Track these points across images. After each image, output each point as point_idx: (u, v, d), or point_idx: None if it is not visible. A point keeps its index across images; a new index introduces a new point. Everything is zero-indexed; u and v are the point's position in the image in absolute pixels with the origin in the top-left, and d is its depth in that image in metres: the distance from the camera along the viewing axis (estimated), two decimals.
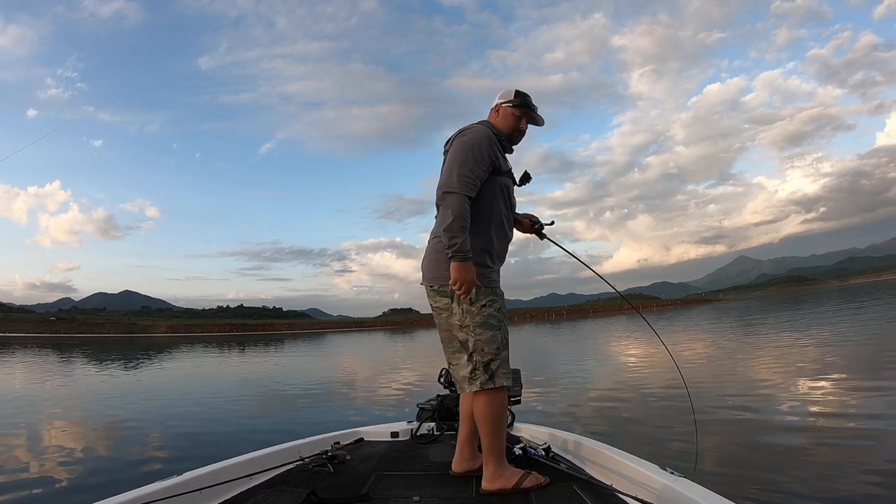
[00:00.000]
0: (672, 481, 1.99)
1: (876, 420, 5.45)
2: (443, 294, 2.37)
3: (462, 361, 2.34)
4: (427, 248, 2.49)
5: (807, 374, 8.66)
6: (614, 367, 13.13)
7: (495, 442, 2.30)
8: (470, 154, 2.31)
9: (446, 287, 2.30)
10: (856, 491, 3.60)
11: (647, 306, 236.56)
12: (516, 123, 2.59)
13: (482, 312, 2.32)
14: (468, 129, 2.43)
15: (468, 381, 2.31)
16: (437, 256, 2.35)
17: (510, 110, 2.58)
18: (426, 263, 2.47)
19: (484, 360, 2.29)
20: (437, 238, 2.37)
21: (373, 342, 48.24)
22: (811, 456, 4.46)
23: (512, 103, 2.57)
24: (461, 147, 2.34)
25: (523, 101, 2.59)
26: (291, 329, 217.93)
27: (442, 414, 3.48)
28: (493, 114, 2.62)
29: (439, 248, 2.31)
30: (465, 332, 2.32)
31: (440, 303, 2.40)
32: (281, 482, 2.49)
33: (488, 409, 2.30)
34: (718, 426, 5.88)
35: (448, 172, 2.30)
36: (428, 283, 2.44)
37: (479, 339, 2.30)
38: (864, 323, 18.43)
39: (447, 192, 2.26)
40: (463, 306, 2.30)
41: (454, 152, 2.34)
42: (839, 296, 56.11)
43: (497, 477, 2.27)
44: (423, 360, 20.05)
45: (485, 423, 2.30)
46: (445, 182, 2.29)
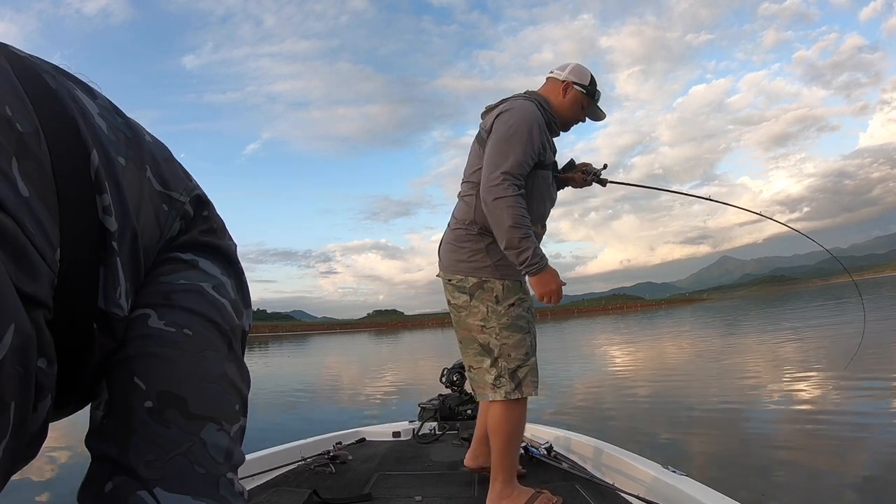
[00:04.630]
0: (674, 480, 2.00)
1: (867, 415, 5.52)
2: (461, 290, 2.08)
3: (484, 366, 2.07)
4: (445, 236, 2.19)
5: (802, 372, 8.75)
6: (611, 367, 13.19)
7: (507, 458, 2.05)
8: (520, 144, 1.97)
9: (465, 282, 2.06)
10: (851, 486, 3.64)
11: (631, 307, 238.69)
12: (581, 113, 2.26)
13: (510, 313, 2.04)
14: (514, 108, 2.05)
15: (492, 388, 2.05)
16: (456, 246, 2.10)
17: (580, 96, 2.21)
18: (446, 255, 2.15)
19: (511, 366, 2.02)
20: (459, 227, 2.11)
21: (358, 344, 48.09)
22: (810, 453, 4.50)
23: (585, 89, 2.20)
24: (510, 133, 1.98)
25: (595, 90, 2.23)
26: (274, 332, 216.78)
27: (443, 414, 3.47)
28: (553, 88, 2.22)
29: (461, 236, 2.09)
30: (489, 333, 2.05)
31: (458, 300, 2.10)
32: (283, 482, 2.47)
33: (506, 420, 2.04)
34: (718, 424, 5.92)
35: (494, 165, 1.95)
36: (445, 275, 2.15)
37: (505, 342, 2.03)
38: (848, 321, 18.69)
39: (497, 198, 1.91)
40: (488, 305, 2.03)
41: (500, 142, 1.98)
42: (822, 294, 56.90)
43: (504, 497, 2.03)
44: (414, 362, 20.04)
45: (499, 435, 2.04)
46: (491, 182, 1.94)
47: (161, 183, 0.59)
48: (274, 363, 25.94)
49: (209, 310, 0.58)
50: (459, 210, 2.16)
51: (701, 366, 11.42)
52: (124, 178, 0.51)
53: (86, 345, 0.48)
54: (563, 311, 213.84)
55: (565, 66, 2.25)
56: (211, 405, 0.55)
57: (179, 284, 0.57)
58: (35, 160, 0.41)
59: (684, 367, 11.78)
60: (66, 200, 0.44)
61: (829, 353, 10.77)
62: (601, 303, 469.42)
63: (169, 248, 0.60)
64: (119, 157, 0.52)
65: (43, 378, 0.41)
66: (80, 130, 0.47)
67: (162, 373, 0.52)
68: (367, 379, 15.21)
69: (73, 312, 0.45)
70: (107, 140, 0.51)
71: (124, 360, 0.52)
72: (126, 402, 0.51)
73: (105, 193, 0.48)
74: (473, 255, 2.06)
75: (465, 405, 3.50)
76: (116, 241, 0.49)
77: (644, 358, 14.86)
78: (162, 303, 0.55)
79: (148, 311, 0.54)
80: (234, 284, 0.64)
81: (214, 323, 0.58)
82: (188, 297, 0.57)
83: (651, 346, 18.13)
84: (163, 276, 0.57)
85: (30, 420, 0.40)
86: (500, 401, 2.04)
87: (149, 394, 0.51)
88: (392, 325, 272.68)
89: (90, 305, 0.47)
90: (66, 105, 0.48)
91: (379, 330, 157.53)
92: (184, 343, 0.54)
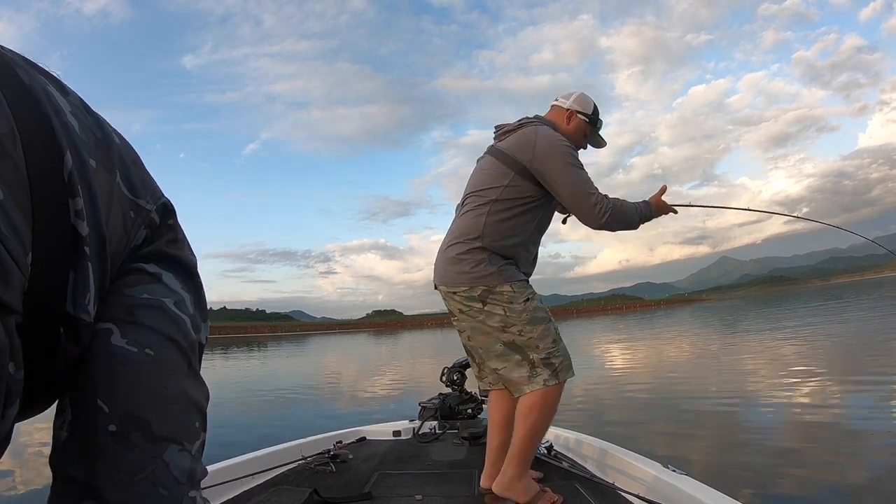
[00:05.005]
0: (674, 479, 2.01)
1: (865, 414, 5.53)
2: (470, 299, 2.09)
3: (512, 363, 2.09)
4: (445, 253, 2.19)
5: (800, 372, 8.76)
6: (611, 366, 13.20)
7: (528, 447, 2.07)
8: (578, 166, 2.11)
9: (473, 291, 2.07)
10: (849, 484, 3.64)
11: (631, 307, 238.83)
12: (583, 140, 2.34)
13: (527, 307, 2.07)
14: (548, 134, 2.14)
15: (527, 380, 2.06)
16: (458, 259, 2.11)
17: (584, 125, 2.31)
18: (447, 269, 2.16)
19: (542, 356, 2.06)
20: (460, 241, 2.12)
21: (358, 344, 48.08)
22: (808, 451, 4.51)
23: (588, 118, 2.31)
24: (566, 161, 2.09)
25: (598, 118, 2.34)
26: (274, 332, 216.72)
27: (444, 413, 3.47)
28: (558, 115, 2.32)
29: (463, 250, 2.10)
30: (511, 332, 2.07)
31: (470, 309, 2.11)
32: (283, 481, 2.47)
33: (541, 406, 2.05)
34: (717, 423, 5.93)
35: (579, 194, 2.08)
36: (448, 289, 2.16)
37: (531, 336, 2.06)
38: (847, 321, 18.70)
39: (606, 217, 2.08)
40: (504, 306, 2.06)
41: (564, 170, 2.07)
42: (822, 295, 56.96)
43: (513, 487, 2.04)
44: (414, 362, 20.05)
45: (528, 422, 2.05)
46: (591, 211, 2.08)
47: (129, 189, 0.59)
48: (273, 363, 25.94)
49: (170, 328, 0.59)
50: (464, 225, 2.15)
51: (700, 365, 11.44)
52: (95, 181, 0.51)
53: (52, 349, 0.49)
54: (563, 312, 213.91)
55: (570, 94, 2.35)
56: (173, 427, 0.57)
57: (143, 299, 0.58)
58: (11, 162, 0.41)
59: (684, 366, 11.79)
60: (40, 204, 0.44)
61: (828, 353, 10.79)
62: (600, 303, 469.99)
63: (134, 257, 0.60)
64: (91, 159, 0.51)
65: (11, 384, 0.41)
66: (55, 131, 0.47)
67: (125, 395, 0.54)
68: (367, 378, 15.22)
69: (41, 317, 0.45)
70: (79, 141, 0.51)
71: (87, 380, 0.53)
72: (90, 425, 0.53)
73: (78, 197, 0.47)
74: (476, 265, 2.08)
75: (466, 404, 3.50)
76: (88, 247, 0.49)
77: (644, 358, 14.88)
78: (125, 318, 0.56)
79: (111, 326, 0.55)
80: (193, 300, 0.65)
81: (175, 342, 0.59)
82: (151, 315, 0.58)
83: (650, 346, 18.14)
84: (127, 288, 0.58)
85: None
86: (539, 390, 2.04)
87: (112, 417, 0.52)
88: (391, 326, 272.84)
89: (59, 310, 0.48)
90: (41, 103, 0.47)
91: (378, 330, 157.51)
92: (146, 364, 0.55)
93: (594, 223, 2.12)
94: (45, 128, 0.46)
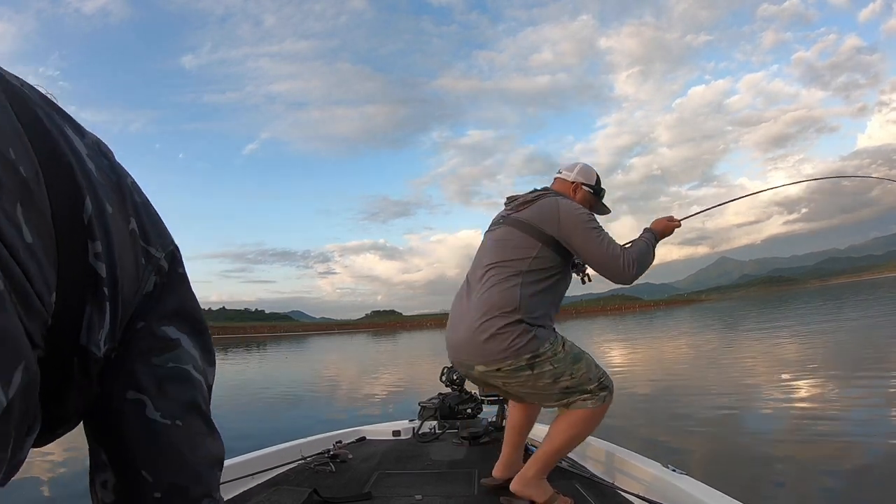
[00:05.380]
0: (674, 478, 2.02)
1: (864, 415, 5.54)
2: (518, 370, 2.07)
3: (572, 399, 2.14)
4: (477, 332, 2.10)
5: (799, 372, 8.77)
6: (611, 366, 13.14)
7: (558, 455, 2.17)
8: (600, 228, 2.19)
9: (519, 363, 2.05)
10: (849, 485, 3.65)
11: (630, 307, 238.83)
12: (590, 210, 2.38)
13: (567, 352, 2.13)
14: (567, 202, 2.21)
15: (592, 401, 2.13)
16: (497, 334, 2.05)
17: (589, 195, 2.40)
18: (485, 347, 2.08)
19: (595, 384, 2.13)
20: (497, 316, 2.07)
21: (357, 345, 48.06)
22: (808, 452, 4.51)
23: (593, 188, 2.40)
24: (590, 226, 2.16)
25: (601, 188, 2.43)
26: (273, 332, 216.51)
27: (443, 413, 3.47)
28: (563, 187, 2.39)
29: (500, 325, 2.05)
30: (564, 380, 2.10)
31: (518, 378, 2.10)
32: (283, 481, 2.48)
33: (586, 424, 2.13)
34: (717, 423, 5.94)
35: (607, 255, 2.15)
36: (489, 368, 2.11)
37: (581, 373, 2.11)
38: (845, 322, 18.72)
39: (633, 271, 2.17)
40: (551, 363, 2.07)
41: (589, 235, 2.14)
42: (821, 296, 57.00)
43: (532, 485, 2.09)
44: (414, 362, 20.04)
45: (568, 434, 2.13)
46: (620, 270, 2.16)
47: (142, 236, 0.60)
48: (273, 364, 25.92)
49: (194, 395, 0.64)
50: (497, 298, 2.09)
51: (700, 365, 11.45)
52: (112, 226, 0.52)
53: (67, 382, 0.51)
54: (562, 312, 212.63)
55: (573, 166, 2.42)
56: (205, 485, 0.63)
57: (169, 370, 0.62)
58: (37, 205, 0.42)
59: (683, 366, 11.81)
60: (63, 245, 0.45)
61: (827, 353, 10.80)
62: (600, 303, 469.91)
63: (150, 311, 0.62)
64: (107, 203, 0.53)
65: (34, 415, 0.43)
66: (76, 174, 0.48)
67: (165, 466, 0.60)
68: (367, 378, 15.22)
69: (57, 349, 0.47)
70: (97, 184, 0.52)
71: (128, 449, 0.59)
72: (137, 493, 0.59)
73: (96, 240, 0.49)
74: (518, 336, 2.05)
75: (466, 404, 3.50)
76: (106, 287, 0.51)
77: (643, 358, 14.90)
78: (156, 391, 0.60)
79: (144, 398, 0.59)
80: (201, 353, 0.68)
81: (198, 407, 0.64)
82: (178, 387, 0.62)
83: (650, 346, 18.16)
84: (153, 357, 0.61)
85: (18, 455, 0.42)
86: (588, 408, 2.12)
87: (156, 486, 0.59)
88: (390, 326, 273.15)
89: (74, 343, 0.50)
90: (61, 147, 0.48)
91: (377, 330, 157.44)
92: (178, 434, 0.61)
93: (625, 280, 2.20)
94: (66, 171, 0.48)
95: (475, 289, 2.18)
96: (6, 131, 0.42)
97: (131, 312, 0.60)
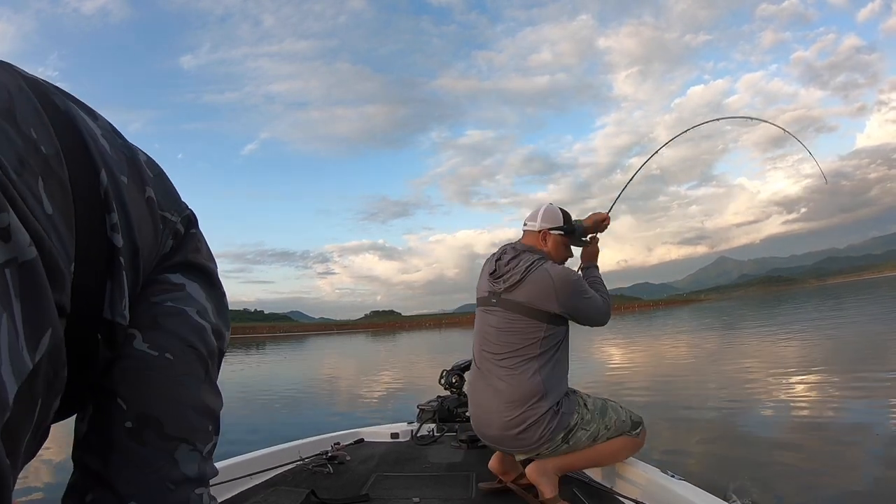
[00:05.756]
0: (672, 484, 2.02)
1: (864, 417, 5.55)
2: (557, 447, 2.11)
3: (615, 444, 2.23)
4: (509, 424, 2.11)
5: (798, 373, 8.77)
6: (609, 367, 13.20)
7: (583, 461, 2.24)
8: (584, 285, 2.26)
9: (556, 440, 2.09)
10: (848, 483, 3.66)
11: (629, 307, 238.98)
12: (567, 253, 2.39)
13: (593, 411, 2.18)
14: (556, 272, 2.19)
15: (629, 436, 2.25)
16: (532, 425, 2.07)
17: (562, 239, 2.35)
18: (520, 439, 2.11)
19: (628, 426, 2.23)
20: (526, 409, 2.08)
21: (356, 345, 48.03)
22: (808, 455, 4.51)
23: (563, 230, 2.34)
24: (576, 284, 2.21)
25: (572, 225, 2.38)
26: (272, 332, 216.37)
27: (442, 415, 3.47)
28: (533, 240, 2.34)
29: (531, 415, 2.07)
30: (601, 435, 2.17)
31: (558, 451, 2.14)
32: (281, 482, 2.48)
33: (625, 449, 2.25)
34: (716, 426, 5.94)
35: (595, 309, 2.27)
36: (533, 453, 2.16)
37: (612, 422, 2.19)
38: (845, 321, 18.72)
39: (609, 315, 2.34)
40: (582, 429, 2.13)
41: (576, 292, 2.19)
42: (820, 295, 56.97)
43: (547, 477, 2.10)
44: (412, 364, 20.04)
45: (603, 452, 2.21)
46: (605, 317, 2.32)
47: (157, 203, 0.63)
48: (272, 364, 25.91)
49: (191, 334, 0.63)
50: (520, 392, 2.10)
51: (698, 366, 11.45)
52: (128, 197, 0.56)
53: (90, 353, 0.53)
54: None
55: (535, 213, 2.36)
56: (185, 428, 0.61)
57: (167, 307, 0.63)
58: (58, 181, 0.45)
59: (682, 367, 11.81)
60: (80, 219, 0.48)
61: (826, 352, 10.81)
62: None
63: (161, 266, 0.65)
64: (122, 176, 0.56)
65: (58, 383, 0.44)
66: (91, 151, 0.51)
67: (142, 395, 0.58)
68: (366, 380, 15.21)
69: (81, 321, 0.49)
70: (111, 160, 0.55)
71: (108, 379, 0.58)
72: (108, 420, 0.58)
73: (113, 212, 0.52)
74: (549, 422, 2.07)
75: (464, 407, 3.50)
76: (123, 257, 0.53)
77: (642, 358, 14.89)
78: (148, 325, 0.61)
79: (134, 331, 0.59)
80: (214, 308, 0.69)
81: (195, 348, 0.63)
82: (173, 321, 0.62)
83: (649, 347, 18.16)
84: (153, 297, 0.63)
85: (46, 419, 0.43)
86: (631, 436, 2.24)
87: (129, 414, 0.57)
88: (389, 326, 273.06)
89: (97, 315, 0.52)
90: (78, 126, 0.52)
91: (376, 331, 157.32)
92: (164, 367, 0.60)
93: (604, 323, 2.34)
94: (82, 149, 0.51)
95: (491, 380, 2.19)
96: (28, 113, 0.45)
97: (149, 274, 0.63)
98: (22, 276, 0.36)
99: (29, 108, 0.46)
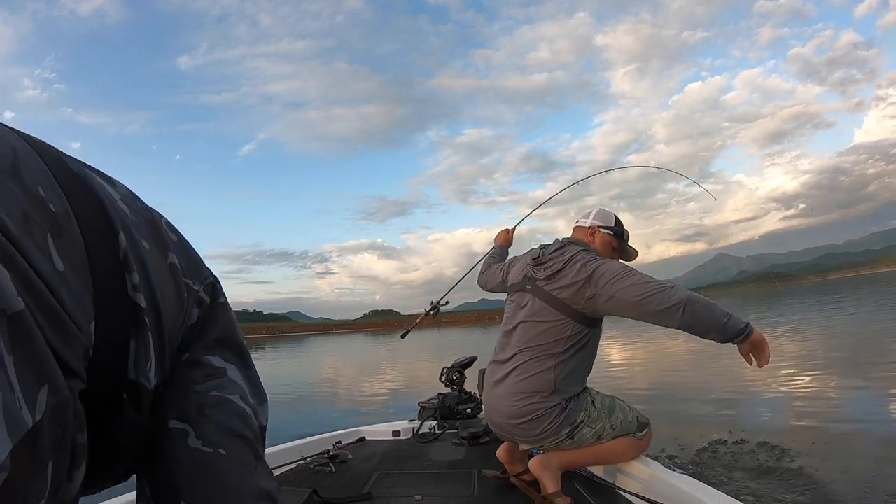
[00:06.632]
0: (675, 479, 2.02)
1: (865, 414, 5.56)
2: (562, 440, 2.13)
3: (621, 442, 2.23)
4: (512, 414, 2.14)
5: (798, 370, 8.78)
6: (609, 364, 13.21)
7: (587, 458, 2.24)
8: (635, 272, 2.06)
9: (560, 434, 2.11)
10: (847, 484, 3.66)
11: None
12: (614, 254, 2.36)
13: (600, 409, 2.19)
14: (599, 258, 2.15)
15: (634, 436, 2.25)
16: (538, 418, 2.10)
17: (608, 237, 2.35)
18: (525, 429, 2.13)
19: (634, 426, 2.23)
20: (534, 402, 2.10)
21: (355, 345, 48.04)
22: (808, 453, 4.52)
23: (612, 231, 2.35)
24: (627, 272, 2.04)
25: (622, 230, 2.37)
26: (271, 332, 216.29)
27: (443, 413, 3.47)
28: (582, 235, 2.36)
29: (538, 409, 2.09)
30: (606, 433, 2.17)
31: (562, 447, 2.17)
32: (283, 482, 2.48)
33: (630, 448, 2.24)
34: (717, 421, 5.94)
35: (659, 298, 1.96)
36: (537, 444, 2.18)
37: (619, 421, 2.19)
38: (843, 317, 18.74)
39: (689, 308, 1.95)
40: (589, 426, 2.14)
41: (633, 281, 2.01)
42: (819, 291, 57.01)
43: (550, 471, 2.10)
44: (413, 362, 20.02)
45: (609, 450, 2.21)
46: (674, 304, 1.95)
47: (180, 270, 0.62)
48: (271, 364, 25.90)
49: (239, 425, 0.63)
50: (530, 384, 2.12)
51: (699, 362, 11.45)
52: (149, 260, 0.54)
53: (116, 415, 0.52)
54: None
55: (588, 212, 2.42)
56: None
57: (212, 398, 0.62)
58: (69, 238, 0.43)
59: (682, 363, 11.81)
60: (99, 277, 0.46)
61: (825, 350, 10.82)
62: None
63: (194, 342, 0.63)
64: (143, 240, 0.54)
65: (76, 446, 0.42)
66: (108, 213, 0.50)
67: (205, 496, 0.58)
68: (366, 379, 15.21)
69: (104, 382, 0.48)
70: (131, 223, 0.53)
71: (168, 479, 0.58)
72: None
73: (133, 272, 0.50)
74: (555, 417, 2.10)
75: (465, 404, 3.50)
76: (147, 318, 0.52)
77: (642, 355, 14.90)
78: (198, 419, 0.60)
79: (186, 427, 0.59)
80: (249, 388, 0.68)
81: (243, 437, 0.63)
82: (220, 412, 0.62)
83: (648, 343, 18.16)
84: (196, 385, 0.61)
85: (64, 488, 0.41)
86: (638, 438, 2.25)
87: None
88: (389, 326, 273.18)
89: (122, 376, 0.50)
90: (94, 188, 0.50)
91: (376, 330, 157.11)
92: (221, 465, 0.60)
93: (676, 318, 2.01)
94: (98, 210, 0.49)
95: (507, 368, 2.21)
96: (34, 172, 0.43)
97: (177, 345, 0.61)
98: (11, 328, 0.34)
99: (35, 167, 0.44)
